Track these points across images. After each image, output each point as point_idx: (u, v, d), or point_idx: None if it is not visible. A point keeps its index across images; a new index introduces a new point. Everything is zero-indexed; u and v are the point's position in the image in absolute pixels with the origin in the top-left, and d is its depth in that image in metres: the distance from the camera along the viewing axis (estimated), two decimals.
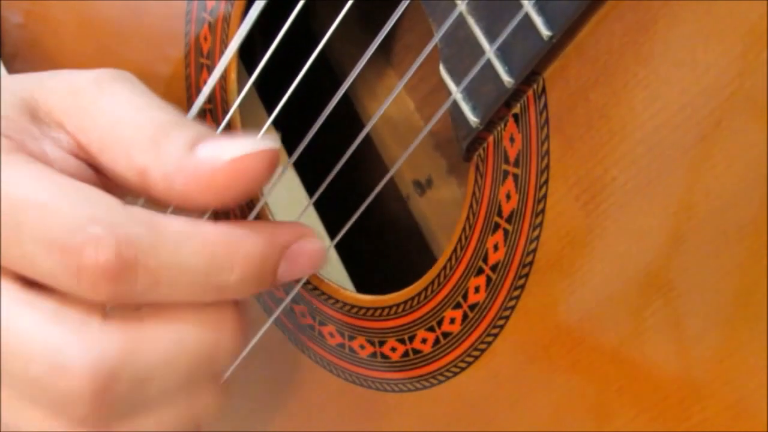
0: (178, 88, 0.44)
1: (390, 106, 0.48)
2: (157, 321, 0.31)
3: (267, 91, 0.47)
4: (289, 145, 0.46)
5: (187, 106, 0.43)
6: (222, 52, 0.42)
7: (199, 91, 0.43)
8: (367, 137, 0.50)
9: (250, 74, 0.40)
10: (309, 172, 0.45)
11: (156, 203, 0.33)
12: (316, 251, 0.34)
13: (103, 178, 0.33)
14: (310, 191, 0.45)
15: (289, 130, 0.44)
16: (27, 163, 0.31)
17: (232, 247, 0.31)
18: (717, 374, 0.29)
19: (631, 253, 0.30)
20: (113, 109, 0.32)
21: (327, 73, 0.51)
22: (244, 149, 0.31)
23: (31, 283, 0.31)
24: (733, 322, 0.29)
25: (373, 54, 0.34)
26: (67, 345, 0.30)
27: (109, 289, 0.29)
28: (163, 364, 0.31)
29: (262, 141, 0.32)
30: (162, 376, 0.31)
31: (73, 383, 0.30)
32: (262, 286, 0.32)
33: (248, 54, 0.45)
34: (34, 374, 0.30)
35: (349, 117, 0.50)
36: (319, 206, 0.46)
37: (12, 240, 0.30)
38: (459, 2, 0.31)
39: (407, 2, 0.33)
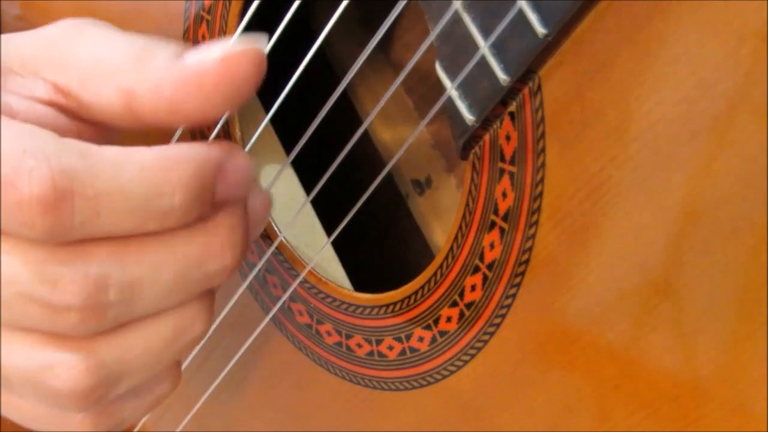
0: None
1: (389, 105, 0.48)
2: (144, 238, 0.31)
3: (265, 88, 0.47)
4: (287, 142, 0.46)
5: None
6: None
7: None
8: (366, 136, 0.50)
9: None
10: (307, 170, 0.45)
11: (143, 129, 0.32)
12: (246, 165, 0.33)
13: (80, 124, 0.33)
14: (308, 189, 0.45)
15: (287, 127, 0.44)
16: None
17: (169, 169, 0.31)
18: (714, 372, 0.29)
19: (629, 251, 0.30)
20: (92, 45, 0.32)
21: (326, 72, 0.51)
22: (231, 49, 0.31)
23: None
24: (732, 318, 0.29)
25: (373, 53, 0.34)
26: (53, 260, 0.30)
27: (46, 221, 0.29)
28: (151, 271, 0.31)
29: (249, 40, 0.31)
30: (150, 283, 0.31)
31: (64, 290, 0.30)
32: (203, 206, 0.32)
33: None
34: (23, 290, 0.30)
35: (347, 115, 0.50)
36: (317, 204, 0.46)
37: None
38: (455, 0, 0.31)
39: (405, 1, 0.33)
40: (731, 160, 0.27)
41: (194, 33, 0.42)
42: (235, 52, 0.31)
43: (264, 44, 0.31)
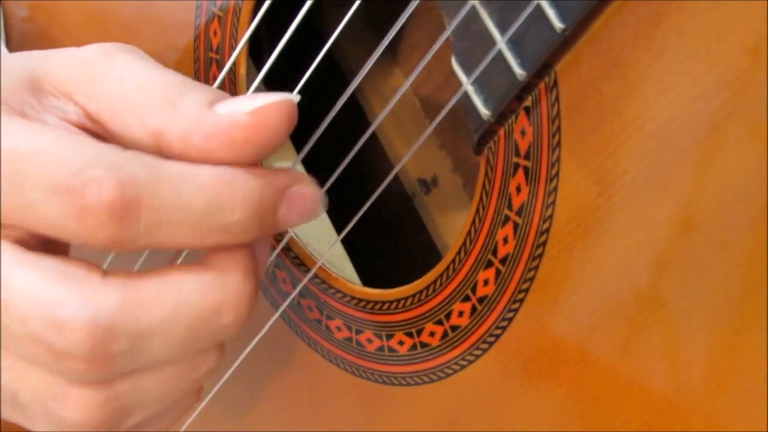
0: None
1: (396, 105, 0.48)
2: (159, 279, 0.31)
3: (275, 88, 0.47)
4: (296, 142, 0.46)
5: None
6: (231, 47, 0.42)
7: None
8: (373, 135, 0.50)
9: (258, 70, 0.40)
10: (315, 168, 0.45)
11: None
12: (313, 194, 0.33)
13: None
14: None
15: (296, 127, 0.45)
16: (26, 121, 0.31)
17: (233, 186, 0.31)
18: (702, 385, 0.30)
19: (642, 245, 0.30)
20: (124, 75, 0.32)
21: (333, 71, 0.51)
22: (263, 101, 0.31)
23: (30, 248, 0.31)
24: (720, 331, 0.29)
25: (380, 52, 0.34)
26: (65, 300, 0.30)
27: (112, 229, 0.29)
28: (163, 322, 0.31)
29: (280, 94, 0.32)
30: (162, 334, 0.31)
31: (70, 338, 0.30)
32: (264, 227, 0.32)
33: (257, 51, 0.45)
34: (32, 330, 0.30)
35: (355, 114, 0.51)
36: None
37: (13, 190, 0.30)
38: None
39: (417, 1, 0.33)
40: (747, 154, 0.27)
41: (206, 30, 0.43)
42: (267, 105, 0.31)
43: (295, 96, 0.32)
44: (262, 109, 0.31)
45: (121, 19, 0.46)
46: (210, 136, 0.31)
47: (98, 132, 0.33)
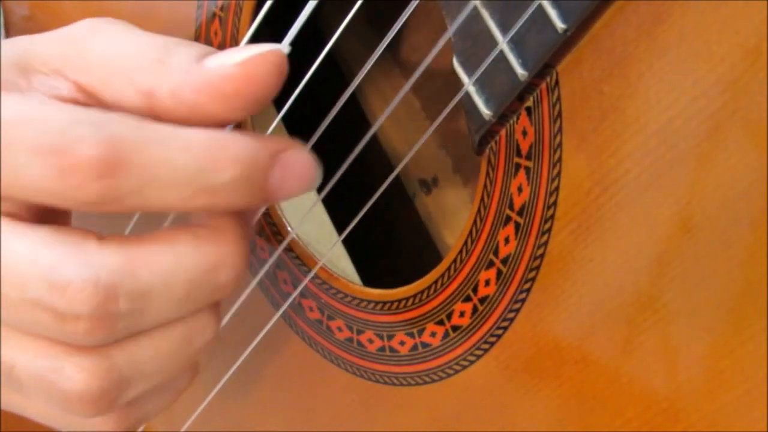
0: None
1: (396, 105, 0.48)
2: (155, 240, 0.31)
3: None
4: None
5: None
6: (232, 47, 0.42)
7: None
8: (374, 135, 0.50)
9: None
10: None
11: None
12: (307, 161, 0.33)
13: None
14: (318, 187, 0.45)
15: (297, 125, 0.45)
16: (13, 93, 0.31)
17: (223, 146, 0.31)
18: (701, 386, 0.30)
19: (643, 245, 0.30)
20: (112, 44, 0.32)
21: (334, 71, 0.51)
22: (251, 52, 0.31)
23: (25, 221, 0.31)
24: (719, 332, 0.29)
25: (380, 52, 0.34)
26: (64, 263, 0.30)
27: (98, 186, 0.29)
28: (162, 281, 0.31)
29: (268, 45, 0.31)
30: (161, 294, 0.31)
31: (74, 297, 0.30)
32: (254, 191, 0.31)
33: None
34: (32, 295, 0.30)
35: (355, 114, 0.51)
36: (327, 202, 0.46)
37: (2, 157, 0.29)
38: None
39: (417, 1, 0.33)
40: (748, 154, 0.27)
41: (206, 30, 0.43)
42: (255, 55, 0.31)
43: (284, 47, 0.31)
44: (249, 60, 0.31)
45: (122, 18, 0.46)
46: (199, 90, 0.31)
47: (93, 105, 0.32)
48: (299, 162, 0.32)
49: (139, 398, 0.35)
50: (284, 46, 0.32)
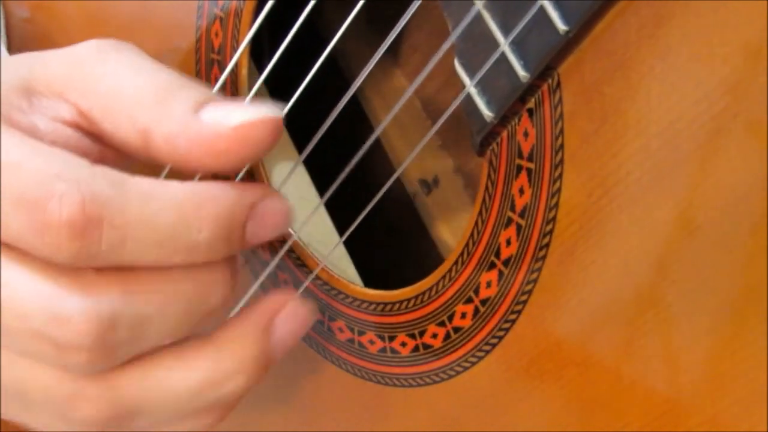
0: None
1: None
2: (151, 272, 0.31)
3: (277, 89, 0.47)
4: (298, 143, 0.46)
5: None
6: (233, 48, 0.42)
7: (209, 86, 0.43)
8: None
9: (260, 72, 0.40)
10: (317, 167, 0.45)
11: (156, 164, 0.33)
12: (282, 210, 0.34)
13: (102, 148, 0.33)
14: (319, 185, 0.45)
15: (296, 125, 0.45)
16: (5, 130, 0.31)
17: (200, 205, 0.31)
18: (702, 387, 0.30)
19: (644, 247, 0.30)
20: (116, 73, 0.32)
21: (334, 71, 0.51)
22: (248, 116, 0.31)
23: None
24: (721, 333, 0.29)
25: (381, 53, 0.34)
26: (65, 295, 0.30)
27: (73, 246, 0.29)
28: (159, 309, 0.31)
29: (267, 108, 0.32)
30: (158, 321, 0.32)
31: (74, 330, 0.30)
32: (231, 245, 0.32)
33: (258, 52, 0.45)
34: (33, 326, 0.30)
35: (356, 114, 0.51)
36: (327, 203, 0.46)
37: None
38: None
39: (419, 2, 0.33)
40: (750, 156, 0.27)
41: (207, 31, 0.43)
42: (252, 121, 0.31)
43: (282, 112, 0.32)
44: (246, 124, 0.31)
45: (123, 20, 0.46)
46: (193, 142, 0.31)
47: (92, 130, 0.33)
48: (274, 211, 0.33)
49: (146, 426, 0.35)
50: (281, 112, 0.32)
